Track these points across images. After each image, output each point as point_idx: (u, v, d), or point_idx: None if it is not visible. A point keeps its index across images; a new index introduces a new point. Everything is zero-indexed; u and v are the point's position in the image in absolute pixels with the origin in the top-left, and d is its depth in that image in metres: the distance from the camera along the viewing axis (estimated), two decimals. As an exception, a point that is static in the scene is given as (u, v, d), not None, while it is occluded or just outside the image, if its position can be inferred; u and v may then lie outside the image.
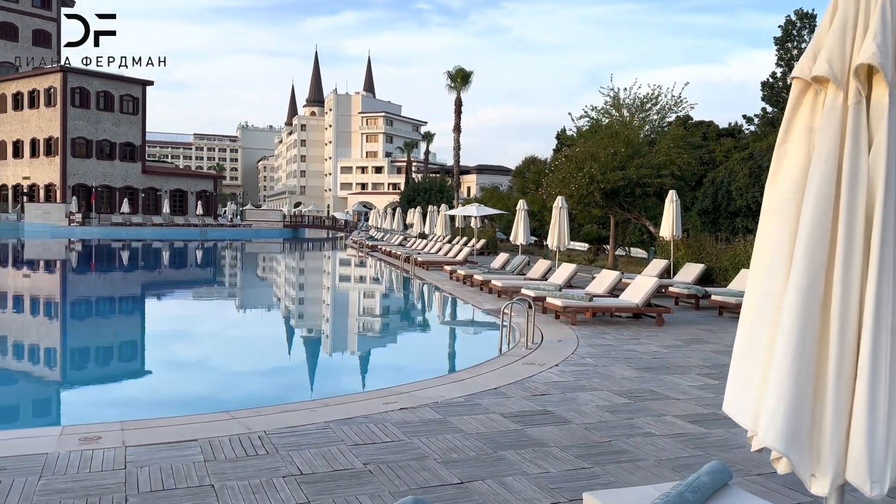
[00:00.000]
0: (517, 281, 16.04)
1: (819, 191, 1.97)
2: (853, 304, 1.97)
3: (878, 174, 1.94)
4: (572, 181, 23.08)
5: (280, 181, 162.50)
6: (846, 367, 1.97)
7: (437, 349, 12.83)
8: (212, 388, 9.14)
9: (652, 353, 9.62)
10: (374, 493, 4.51)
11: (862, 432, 1.96)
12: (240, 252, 44.83)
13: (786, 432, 1.97)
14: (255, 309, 18.81)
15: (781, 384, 1.97)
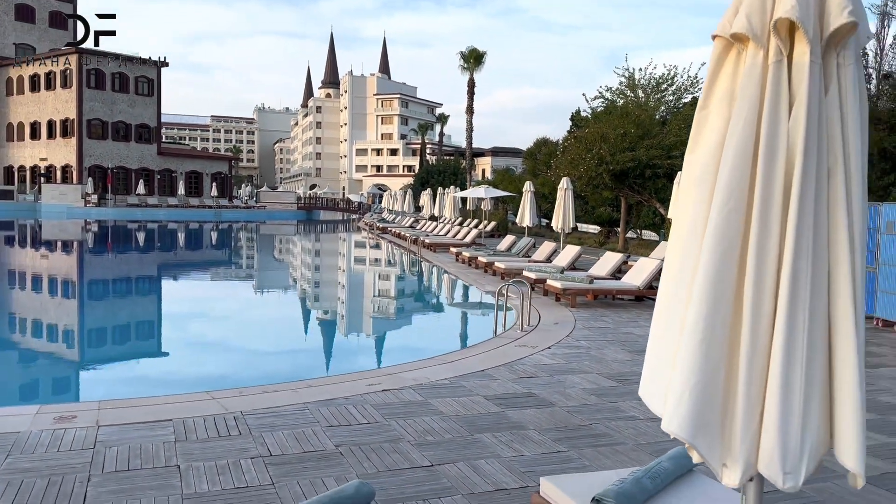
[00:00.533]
0: (521, 263, 15.90)
1: (735, 158, 1.82)
2: (768, 283, 1.81)
3: (798, 140, 1.78)
4: (581, 163, 22.81)
5: (296, 163, 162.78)
6: (759, 350, 1.82)
7: (432, 331, 12.76)
8: (201, 368, 9.13)
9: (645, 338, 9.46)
10: (340, 475, 4.44)
11: (774, 421, 1.82)
12: (252, 234, 44.99)
13: (692, 420, 1.83)
14: (255, 290, 18.82)
15: (689, 367, 1.83)
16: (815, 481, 4.50)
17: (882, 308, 10.67)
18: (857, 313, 1.85)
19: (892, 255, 10.40)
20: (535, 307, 11.76)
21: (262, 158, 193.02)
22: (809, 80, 1.80)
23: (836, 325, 1.84)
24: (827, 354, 1.86)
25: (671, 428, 1.87)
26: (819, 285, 1.83)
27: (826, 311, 1.84)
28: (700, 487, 3.43)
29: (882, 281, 10.64)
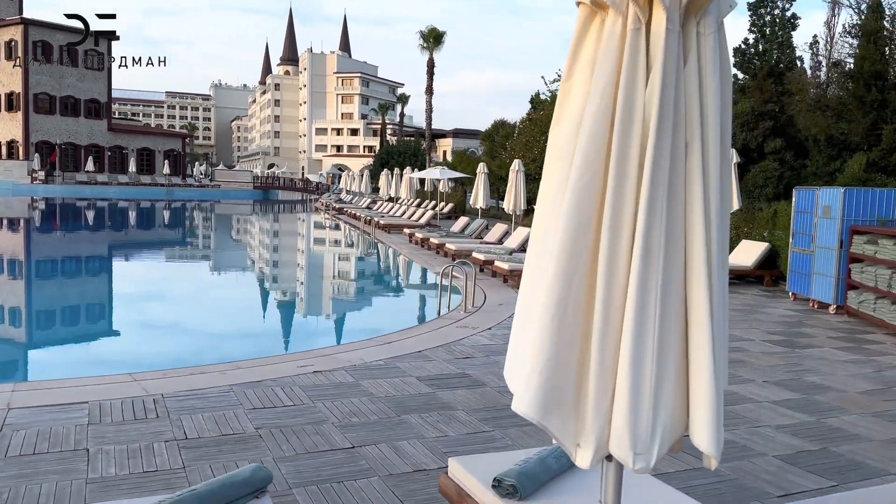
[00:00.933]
0: (471, 244, 15.86)
1: (591, 130, 1.75)
2: (621, 261, 1.75)
3: (653, 111, 1.73)
4: (536, 145, 22.82)
5: (254, 142, 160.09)
6: (611, 328, 1.76)
7: (374, 312, 12.66)
8: (128, 350, 8.86)
9: (590, 318, 9.52)
10: (255, 458, 4.34)
11: (625, 401, 1.76)
12: (203, 213, 44.12)
13: (542, 399, 1.77)
14: (197, 270, 18.42)
15: (540, 345, 1.77)
16: (731, 459, 4.56)
17: (818, 290, 10.92)
18: (713, 293, 1.80)
19: (828, 238, 10.62)
20: (483, 289, 11.74)
21: (219, 136, 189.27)
22: (665, 49, 1.73)
23: (691, 306, 1.80)
24: (682, 335, 1.81)
25: (520, 408, 1.82)
26: (673, 264, 1.77)
27: (681, 291, 1.79)
28: (633, 476, 3.42)
29: (818, 264, 10.88)
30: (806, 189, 11.44)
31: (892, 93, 32.87)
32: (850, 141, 34.49)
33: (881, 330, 9.35)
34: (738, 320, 9.70)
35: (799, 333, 8.96)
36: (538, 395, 1.78)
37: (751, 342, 8.31)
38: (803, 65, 41.32)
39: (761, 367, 7.12)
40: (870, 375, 6.95)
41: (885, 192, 10.34)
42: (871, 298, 9.63)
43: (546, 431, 1.86)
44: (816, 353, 7.89)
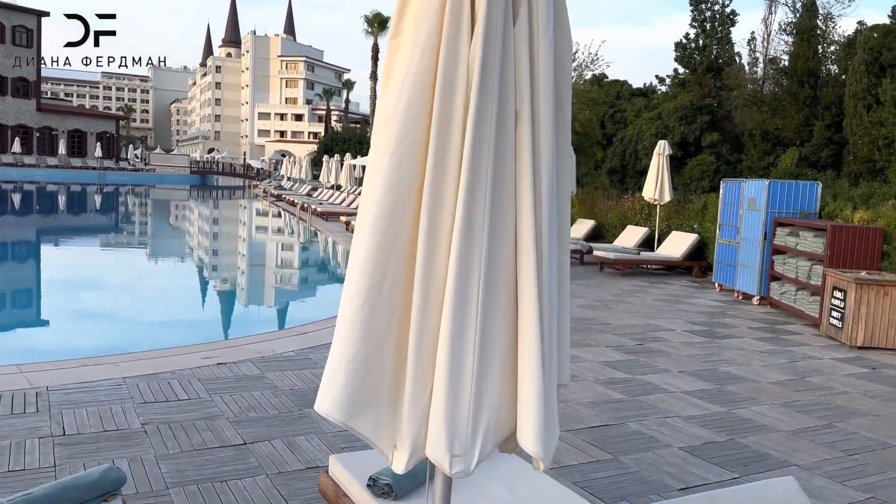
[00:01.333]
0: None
1: (412, 94, 1.55)
2: (443, 242, 1.56)
3: (475, 76, 1.53)
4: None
5: (193, 125, 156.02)
6: (430, 319, 1.57)
7: (297, 301, 12.33)
8: (21, 339, 8.33)
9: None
10: (135, 456, 4.04)
11: (443, 398, 1.57)
12: (134, 198, 42.65)
13: (347, 398, 1.57)
14: (114, 256, 17.64)
15: (348, 337, 1.56)
16: (636, 451, 4.48)
17: (742, 281, 11.08)
18: (543, 281, 1.62)
19: (752, 230, 10.78)
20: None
21: (158, 119, 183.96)
22: (488, 6, 1.53)
23: (520, 295, 1.62)
24: (509, 327, 1.63)
25: (322, 408, 1.61)
26: (499, 248, 1.59)
27: (509, 278, 1.61)
28: (515, 468, 3.26)
29: (743, 255, 11.04)
30: (732, 182, 11.59)
31: (824, 90, 33.98)
32: (784, 136, 35.51)
33: (800, 320, 9.53)
34: (662, 310, 9.74)
35: (721, 324, 9.05)
36: (344, 393, 1.57)
37: (672, 332, 8.33)
38: (741, 61, 42.46)
39: (679, 357, 7.12)
40: (784, 366, 7.03)
41: (807, 186, 10.54)
42: (791, 289, 9.81)
43: (355, 434, 1.67)
44: (735, 343, 7.96)
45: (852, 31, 35.52)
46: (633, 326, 8.56)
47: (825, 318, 8.52)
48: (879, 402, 5.93)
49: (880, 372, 6.95)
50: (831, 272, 8.39)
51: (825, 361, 7.29)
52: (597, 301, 10.25)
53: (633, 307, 9.92)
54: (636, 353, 7.20)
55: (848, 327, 7.96)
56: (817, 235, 9.27)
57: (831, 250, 8.74)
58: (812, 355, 7.54)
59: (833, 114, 32.71)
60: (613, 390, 5.83)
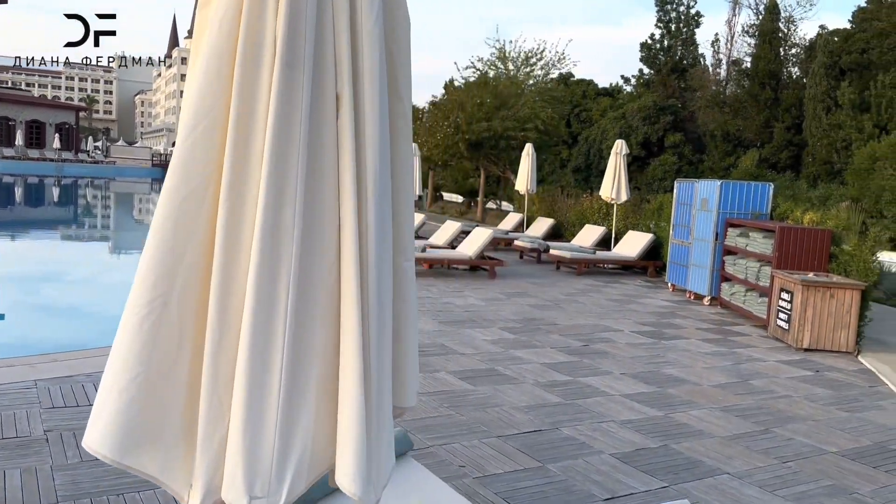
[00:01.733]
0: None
1: (208, 68, 1.34)
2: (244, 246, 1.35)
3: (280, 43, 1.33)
4: (439, 130, 22.51)
5: (158, 118, 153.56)
6: (229, 334, 1.37)
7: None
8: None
9: (467, 307, 9.27)
10: (30, 466, 3.78)
11: (240, 429, 1.37)
12: (90, 191, 41.65)
13: (122, 431, 1.36)
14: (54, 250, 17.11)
15: (126, 357, 1.37)
16: (565, 458, 4.33)
17: (694, 282, 11.07)
18: (368, 293, 1.42)
19: (704, 230, 10.76)
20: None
21: (122, 111, 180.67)
22: None
23: (342, 313, 1.42)
24: (328, 348, 1.43)
25: (91, 444, 1.41)
26: (314, 255, 1.38)
27: (328, 289, 1.41)
28: (411, 474, 3.09)
29: (695, 255, 11.02)
30: (686, 182, 11.58)
31: (784, 92, 34.49)
32: (745, 137, 36.01)
33: (749, 322, 9.52)
34: (613, 310, 9.66)
35: (669, 325, 8.99)
36: (117, 425, 1.37)
37: (619, 333, 8.24)
38: (705, 62, 42.92)
39: (622, 358, 7.02)
40: (728, 368, 6.97)
41: (758, 186, 10.55)
42: (741, 290, 9.80)
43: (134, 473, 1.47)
44: (682, 344, 7.89)
45: (813, 34, 36.14)
46: (582, 327, 8.45)
47: (773, 320, 8.51)
48: (820, 406, 5.88)
49: (823, 375, 6.92)
50: (779, 273, 8.37)
51: (769, 363, 7.25)
52: (548, 301, 10.14)
53: (585, 307, 9.83)
54: (580, 354, 7.08)
55: (794, 329, 7.95)
56: (766, 237, 9.27)
57: (780, 252, 8.74)
58: (757, 357, 7.50)
59: (793, 116, 33.27)
60: (552, 393, 5.69)
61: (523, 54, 29.84)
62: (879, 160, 23.85)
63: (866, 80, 29.30)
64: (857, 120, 27.65)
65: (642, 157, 36.56)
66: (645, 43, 43.35)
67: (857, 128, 27.55)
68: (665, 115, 36.43)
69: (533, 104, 22.40)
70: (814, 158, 29.93)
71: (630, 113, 37.59)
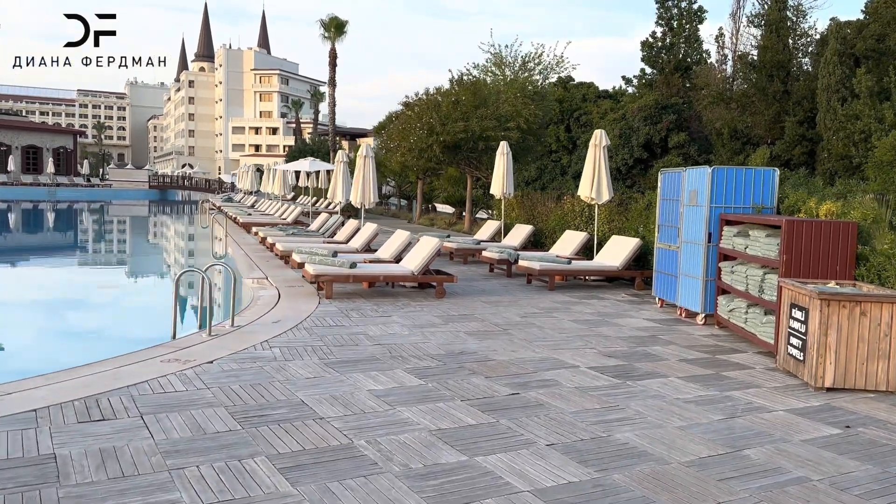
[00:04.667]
0: (305, 243, 13.32)
1: None
2: None
3: None
4: (412, 132, 20.47)
5: (169, 141, 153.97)
6: None
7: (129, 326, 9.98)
8: None
9: (382, 338, 7.13)
10: None
11: None
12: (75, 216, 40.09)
13: None
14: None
15: None
16: None
17: (685, 295, 8.85)
18: None
19: (695, 231, 8.56)
20: (289, 297, 9.28)
21: (135, 136, 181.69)
22: None
23: None
24: None
25: None
26: None
27: None
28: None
29: (685, 262, 8.82)
30: (671, 172, 9.39)
31: (795, 84, 32.09)
32: (754, 134, 33.57)
33: (752, 347, 7.30)
34: (575, 337, 7.47)
35: (645, 355, 6.78)
36: None
37: (573, 370, 6.06)
38: (710, 59, 40.67)
39: (561, 415, 4.84)
40: (715, 426, 4.77)
41: (759, 173, 8.35)
42: (741, 306, 7.59)
43: None
44: (655, 386, 5.69)
45: (824, 27, 33.79)
46: (523, 363, 6.28)
47: (782, 346, 6.30)
48: (856, 498, 3.68)
49: (856, 434, 4.70)
50: (788, 283, 6.17)
51: (777, 416, 5.04)
52: (497, 325, 7.97)
53: (541, 332, 7.65)
54: (502, 410, 4.92)
55: (811, 361, 5.73)
56: (771, 235, 7.06)
57: (788, 254, 6.52)
58: (759, 405, 5.29)
59: (805, 109, 30.82)
60: (420, 494, 3.54)
61: (520, 59, 27.91)
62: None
63: (885, 66, 26.93)
64: (876, 109, 25.25)
65: (644, 160, 34.29)
66: (646, 41, 41.20)
67: (876, 118, 25.12)
68: (668, 114, 34.18)
69: (514, 101, 20.27)
70: (829, 153, 27.49)
71: (630, 113, 35.38)
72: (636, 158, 34.38)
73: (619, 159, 33.17)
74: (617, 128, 33.38)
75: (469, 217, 24.30)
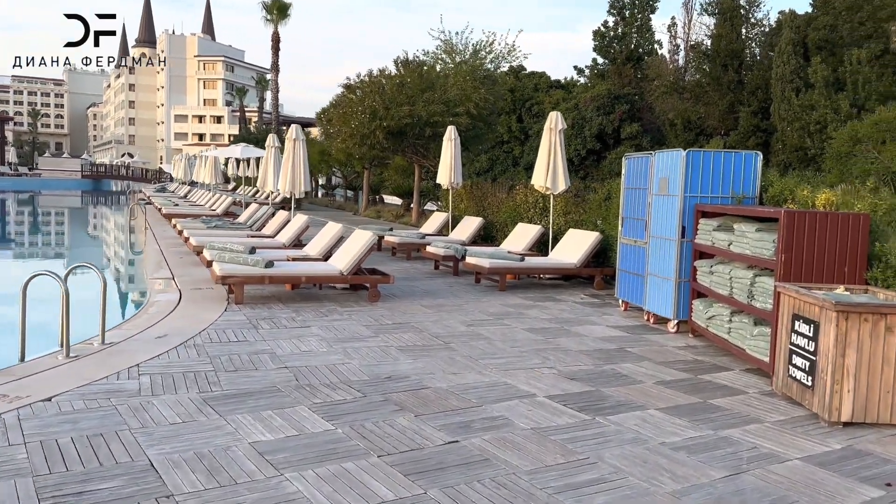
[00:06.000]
0: (225, 237, 11.76)
1: None
2: None
3: None
4: (353, 117, 18.96)
5: (109, 129, 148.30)
6: None
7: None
8: None
9: (290, 357, 5.73)
10: None
11: None
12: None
13: None
14: None
15: None
16: None
17: (653, 299, 7.67)
18: None
19: (666, 224, 7.38)
20: (191, 302, 7.79)
21: (74, 124, 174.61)
22: None
23: None
24: None
25: None
26: None
27: None
28: None
29: (654, 260, 7.63)
30: (637, 157, 8.19)
31: (748, 74, 31.58)
32: (708, 125, 32.97)
33: (738, 363, 6.14)
34: (529, 352, 6.20)
35: (615, 376, 5.55)
36: None
37: (529, 401, 4.76)
38: (662, 49, 40.07)
39: (518, 475, 3.53)
40: (720, 490, 3.53)
41: (740, 157, 7.21)
42: (724, 313, 6.42)
43: None
44: (633, 423, 4.44)
45: (774, 19, 33.38)
46: (466, 392, 4.97)
47: (780, 366, 5.13)
48: None
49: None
50: (790, 289, 4.99)
51: (795, 468, 3.84)
52: (437, 337, 6.64)
53: (489, 346, 6.36)
54: (433, 472, 3.59)
55: (823, 388, 4.56)
56: (762, 229, 5.90)
57: (788, 253, 5.36)
58: (767, 451, 4.08)
59: (759, 99, 30.26)
60: None
61: (471, 47, 26.70)
62: (861, 142, 20.96)
63: (838, 57, 26.55)
64: (831, 100, 24.79)
65: (598, 151, 33.45)
66: (598, 31, 40.35)
67: (832, 108, 24.64)
68: (620, 104, 33.38)
69: (464, 85, 18.93)
70: (784, 145, 26.99)
71: (583, 103, 34.48)
72: (589, 149, 33.49)
73: (572, 150, 32.23)
74: (570, 118, 32.38)
75: (417, 209, 22.92)
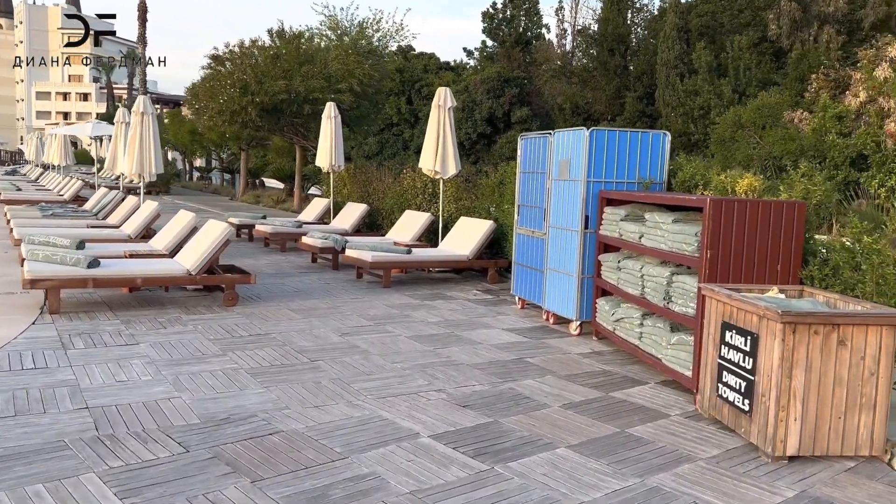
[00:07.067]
0: (59, 228, 9.97)
1: None
2: None
3: None
4: (222, 91, 17.17)
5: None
6: None
7: None
8: None
9: (103, 390, 4.38)
10: None
11: None
12: None
13: None
14: None
15: None
16: None
17: (553, 297, 6.80)
18: None
19: (568, 212, 6.49)
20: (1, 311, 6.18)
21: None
22: None
23: None
24: None
25: None
26: None
27: None
28: None
29: (554, 254, 6.75)
30: (535, 136, 7.26)
31: (634, 59, 31.90)
32: (595, 110, 33.11)
33: (649, 372, 5.33)
34: (414, 369, 5.12)
35: (515, 399, 4.56)
36: None
37: (410, 445, 3.68)
38: (550, 34, 40.03)
39: None
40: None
41: (647, 136, 6.41)
42: (634, 315, 5.60)
43: None
44: (540, 473, 3.46)
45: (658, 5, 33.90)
46: (329, 436, 3.82)
47: (707, 384, 4.32)
48: None
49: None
50: (719, 292, 4.16)
51: (748, 534, 2.97)
52: (302, 352, 5.44)
53: (366, 363, 5.23)
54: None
55: (764, 415, 3.76)
56: (679, 220, 5.07)
57: (714, 248, 4.53)
58: None
59: (645, 84, 30.56)
60: None
61: (357, 24, 25.18)
62: (744, 127, 21.32)
63: (719, 43, 27.12)
64: (714, 85, 25.23)
65: (488, 135, 32.87)
66: (486, 12, 39.84)
67: (715, 93, 25.08)
68: (510, 87, 32.90)
69: (346, 59, 17.54)
70: (668, 130, 27.35)
71: (473, 86, 33.79)
72: (479, 133, 32.84)
73: (463, 133, 31.48)
74: (459, 101, 31.54)
75: (299, 194, 21.34)
